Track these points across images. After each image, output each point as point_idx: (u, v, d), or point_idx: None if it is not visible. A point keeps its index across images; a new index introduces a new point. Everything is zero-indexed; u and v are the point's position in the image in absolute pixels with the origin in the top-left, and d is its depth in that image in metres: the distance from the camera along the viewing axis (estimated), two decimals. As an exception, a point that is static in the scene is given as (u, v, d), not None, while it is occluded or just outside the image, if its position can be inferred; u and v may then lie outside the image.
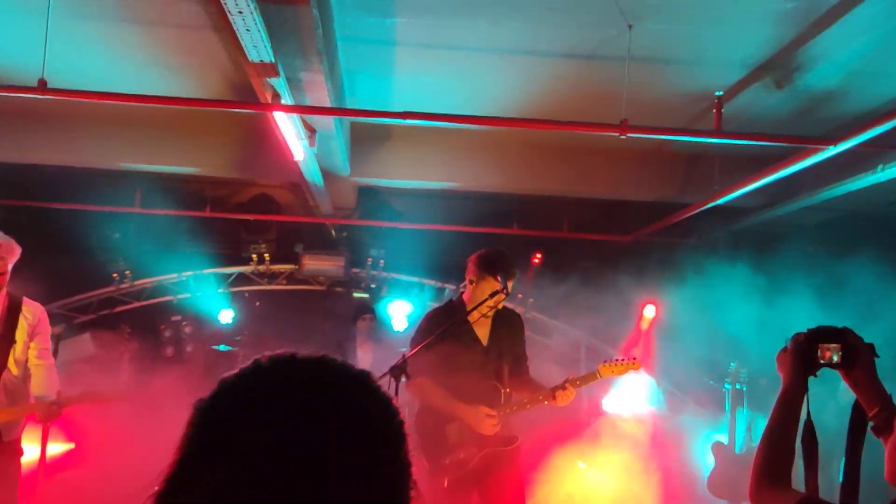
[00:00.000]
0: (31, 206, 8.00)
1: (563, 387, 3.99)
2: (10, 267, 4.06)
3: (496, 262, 4.05)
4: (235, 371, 0.96)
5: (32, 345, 4.16)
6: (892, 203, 7.25)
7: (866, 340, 1.98)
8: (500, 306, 4.10)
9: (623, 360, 4.25)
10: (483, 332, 4.16)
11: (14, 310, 4.13)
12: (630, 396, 7.08)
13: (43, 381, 4.14)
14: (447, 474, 3.96)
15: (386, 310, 8.60)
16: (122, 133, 7.00)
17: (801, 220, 7.95)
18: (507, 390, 4.09)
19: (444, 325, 3.86)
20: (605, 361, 4.25)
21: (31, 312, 4.20)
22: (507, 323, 4.24)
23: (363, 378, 0.99)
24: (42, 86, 4.40)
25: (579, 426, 7.13)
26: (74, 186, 7.66)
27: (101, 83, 5.15)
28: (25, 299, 4.21)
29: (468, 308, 3.99)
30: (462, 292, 4.30)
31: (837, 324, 2.00)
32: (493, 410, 3.95)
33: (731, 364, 6.49)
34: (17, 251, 4.10)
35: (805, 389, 1.97)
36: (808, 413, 1.94)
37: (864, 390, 1.93)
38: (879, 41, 4.54)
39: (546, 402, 4.03)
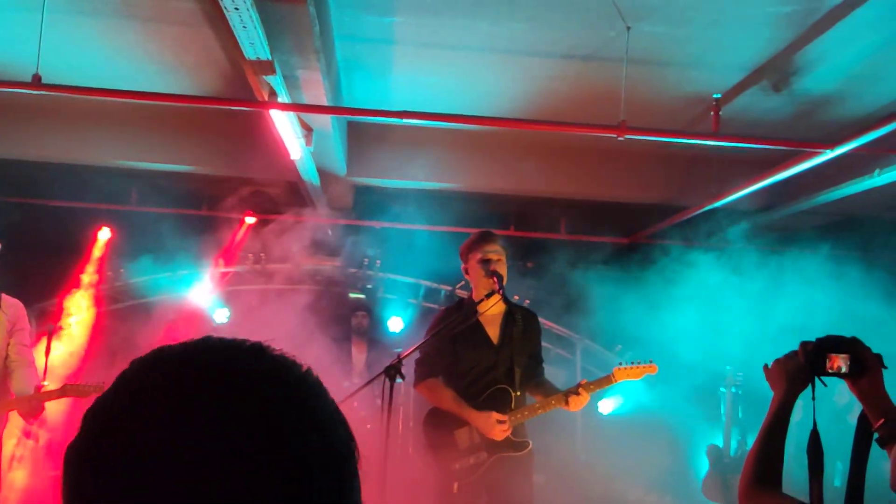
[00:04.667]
0: (25, 202, 7.97)
1: (576, 391, 3.87)
2: None
3: (474, 238, 4.06)
4: (105, 391, 0.81)
5: (11, 342, 4.10)
6: (890, 207, 7.24)
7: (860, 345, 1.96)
8: (498, 300, 3.98)
9: (639, 363, 4.11)
10: (494, 331, 4.05)
11: None
12: (625, 397, 7.07)
13: (23, 377, 4.08)
14: (457, 479, 3.90)
15: (381, 310, 8.57)
16: (117, 130, 6.97)
17: (798, 224, 7.95)
18: (518, 394, 3.98)
19: (452, 323, 3.81)
20: (620, 364, 4.10)
21: (10, 308, 4.13)
22: (520, 322, 4.09)
23: (255, 350, 0.83)
24: (37, 81, 4.37)
25: (574, 428, 7.12)
26: (70, 183, 7.63)
27: (96, 79, 5.12)
28: (3, 295, 4.14)
29: (476, 306, 3.95)
30: (470, 293, 4.24)
31: (838, 330, 1.98)
32: (503, 416, 3.89)
33: (727, 368, 6.48)
34: None
35: (794, 401, 1.96)
36: (815, 422, 1.92)
37: (870, 401, 1.91)
38: (877, 45, 4.54)
39: (559, 407, 3.94)
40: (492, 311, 3.97)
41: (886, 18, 4.20)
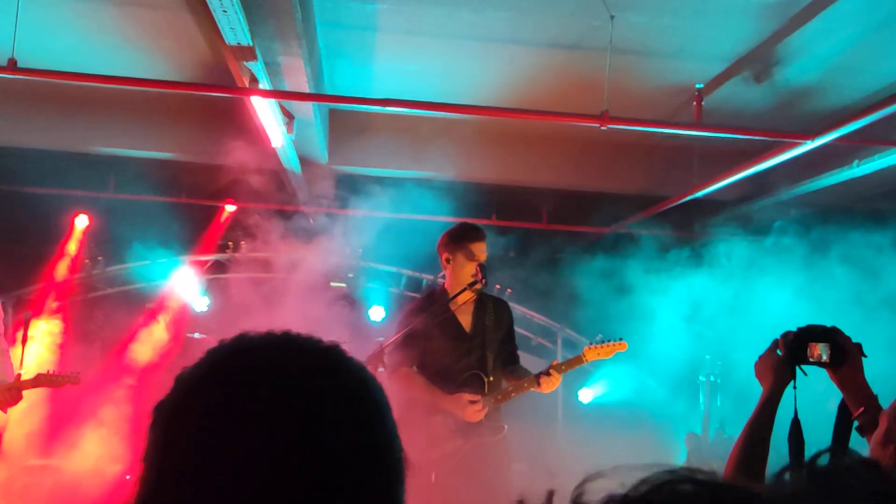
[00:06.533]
0: (1, 189, 7.84)
1: (547, 373, 3.90)
2: None
3: (463, 231, 4.04)
4: (192, 365, 0.86)
5: None
6: (868, 198, 7.32)
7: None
8: (477, 288, 3.99)
9: (609, 341, 4.09)
10: (466, 319, 4.06)
11: None
12: (605, 386, 7.12)
13: None
14: (434, 468, 3.91)
15: (363, 299, 8.55)
16: (94, 116, 6.87)
17: (778, 215, 8.02)
18: (491, 379, 4.00)
19: (428, 316, 3.81)
20: (590, 344, 4.09)
21: None
22: (491, 310, 4.13)
23: (333, 353, 0.90)
24: (12, 65, 4.30)
25: (552, 416, 7.16)
26: (46, 170, 7.51)
27: (72, 64, 5.03)
28: None
29: (450, 295, 3.95)
30: (443, 282, 4.24)
31: (816, 320, 2.00)
32: (475, 396, 3.90)
33: (706, 356, 6.54)
34: None
35: (780, 394, 1.98)
36: (796, 412, 1.93)
37: (850, 390, 1.93)
38: (857, 37, 4.57)
39: (531, 389, 3.97)
40: (463, 301, 3.99)
41: (866, 10, 4.23)
